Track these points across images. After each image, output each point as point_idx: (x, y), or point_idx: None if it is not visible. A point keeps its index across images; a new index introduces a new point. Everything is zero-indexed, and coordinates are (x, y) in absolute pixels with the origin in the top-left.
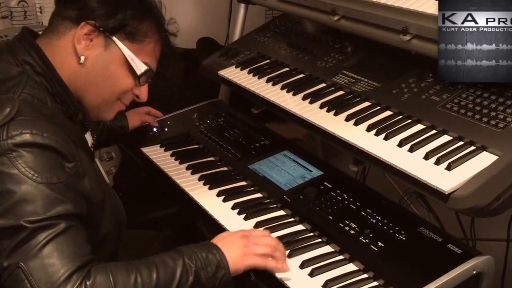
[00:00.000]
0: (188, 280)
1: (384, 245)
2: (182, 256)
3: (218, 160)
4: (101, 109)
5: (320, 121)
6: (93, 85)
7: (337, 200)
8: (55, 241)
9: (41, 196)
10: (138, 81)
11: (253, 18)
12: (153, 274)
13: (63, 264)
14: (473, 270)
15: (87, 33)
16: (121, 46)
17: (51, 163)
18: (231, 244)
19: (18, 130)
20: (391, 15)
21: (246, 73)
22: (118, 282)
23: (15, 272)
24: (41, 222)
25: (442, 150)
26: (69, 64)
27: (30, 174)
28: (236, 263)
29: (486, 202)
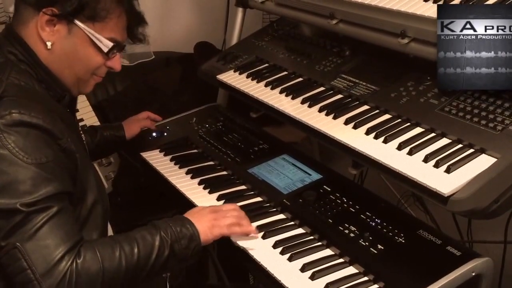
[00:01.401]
0: (165, 253)
1: (383, 248)
2: (159, 231)
3: (218, 164)
4: (79, 85)
5: (320, 125)
6: (66, 67)
7: (337, 203)
8: (48, 225)
9: (31, 176)
10: (107, 56)
11: (250, 22)
12: (134, 249)
13: (56, 246)
14: (472, 272)
15: (48, 19)
16: (83, 28)
17: (39, 143)
18: (201, 218)
19: (7, 110)
20: (389, 19)
21: (245, 77)
22: (105, 258)
23: (12, 251)
24: (35, 206)
25: (441, 153)
26: (41, 50)
27: (20, 155)
28: (206, 234)
29: (485, 205)
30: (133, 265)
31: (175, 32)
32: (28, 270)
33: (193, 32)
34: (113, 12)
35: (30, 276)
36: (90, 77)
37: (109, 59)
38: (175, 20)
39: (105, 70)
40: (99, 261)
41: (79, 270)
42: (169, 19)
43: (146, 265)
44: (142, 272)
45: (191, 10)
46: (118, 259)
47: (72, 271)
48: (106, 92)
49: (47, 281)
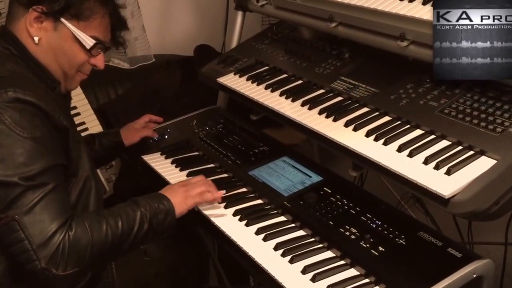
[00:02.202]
0: (144, 226)
1: (384, 250)
2: (140, 207)
3: (218, 167)
4: (66, 81)
5: (320, 127)
6: (53, 60)
7: (337, 205)
8: (44, 201)
9: (28, 149)
10: (90, 53)
11: (250, 26)
12: (119, 223)
13: (51, 220)
14: (473, 274)
15: (36, 17)
16: (68, 25)
17: (34, 118)
18: (175, 193)
19: (3, 89)
20: (389, 22)
21: (245, 80)
22: (94, 231)
23: (11, 223)
24: (32, 181)
25: (441, 155)
26: (30, 44)
27: (17, 130)
28: (181, 206)
29: (485, 206)
30: (117, 237)
31: (175, 35)
32: (25, 241)
33: (193, 35)
34: (97, 13)
35: (27, 246)
36: (76, 73)
37: (93, 56)
38: (175, 23)
39: (89, 67)
40: (88, 234)
41: (71, 242)
42: (169, 23)
43: (129, 237)
44: (124, 244)
45: (191, 14)
46: (105, 232)
47: (65, 243)
48: (108, 95)
49: (42, 251)
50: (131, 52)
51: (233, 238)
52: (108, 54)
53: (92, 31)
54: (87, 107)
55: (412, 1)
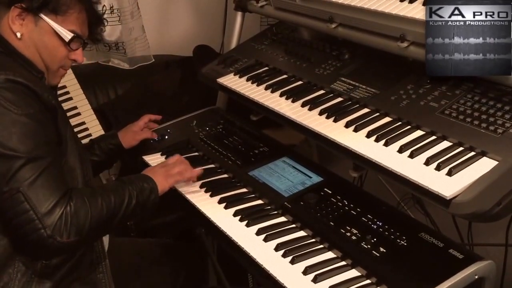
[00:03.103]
0: (132, 202)
1: (386, 251)
2: (127, 185)
3: (219, 167)
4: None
5: (320, 128)
6: (36, 55)
7: (338, 206)
8: (45, 172)
9: (24, 125)
10: (69, 47)
11: (249, 26)
12: (111, 198)
13: (53, 191)
14: (475, 275)
15: (18, 14)
16: (47, 20)
17: (25, 96)
18: (156, 173)
19: None
20: (389, 23)
21: (245, 81)
22: (91, 203)
23: (16, 195)
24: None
25: (442, 156)
26: (13, 41)
27: (12, 108)
28: (163, 185)
29: (487, 207)
30: (110, 210)
31: (174, 36)
32: (30, 211)
33: (192, 36)
34: (73, 7)
35: (33, 216)
36: (57, 69)
37: (72, 51)
38: (174, 24)
39: (70, 63)
40: (87, 205)
41: (72, 212)
42: (168, 23)
43: (119, 211)
44: (116, 217)
45: (190, 14)
46: (100, 205)
47: (67, 212)
48: (107, 95)
49: (47, 220)
50: (130, 52)
51: (234, 238)
52: (108, 55)
53: (70, 25)
54: (87, 107)
55: (412, 2)
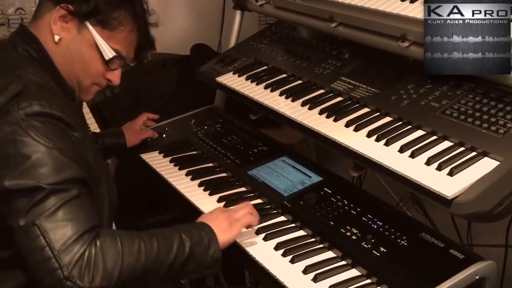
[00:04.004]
0: (184, 253)
1: (386, 251)
2: (179, 232)
3: (217, 166)
4: (80, 91)
5: (320, 127)
6: (69, 65)
7: (338, 205)
8: (68, 205)
9: (53, 160)
10: (107, 66)
11: (246, 25)
12: (154, 243)
13: (75, 225)
14: (475, 275)
15: (62, 15)
16: (92, 31)
17: (59, 131)
18: (216, 220)
19: (27, 102)
20: (390, 22)
21: (244, 80)
22: (124, 245)
23: (32, 229)
24: (56, 185)
25: (443, 156)
26: (48, 42)
27: (42, 140)
28: (227, 232)
29: (488, 208)
30: (152, 258)
31: (172, 34)
32: (46, 247)
33: (190, 34)
34: (124, 25)
35: (48, 253)
36: (90, 85)
37: (110, 70)
38: (172, 22)
39: (105, 82)
40: (118, 246)
41: (97, 250)
42: (166, 22)
43: (165, 261)
44: (160, 268)
45: (187, 13)
46: (137, 248)
47: (91, 251)
48: (103, 93)
49: (64, 258)
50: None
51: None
52: None
53: (115, 43)
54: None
55: (413, 2)
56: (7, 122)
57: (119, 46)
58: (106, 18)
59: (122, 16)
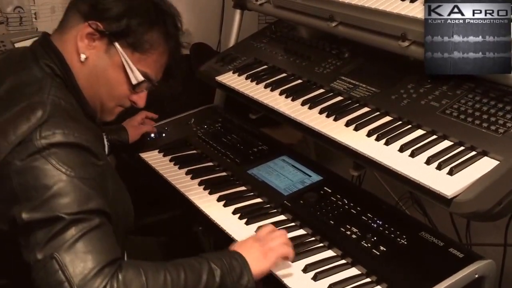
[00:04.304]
0: (214, 283)
1: (386, 250)
2: (207, 260)
3: (217, 165)
4: (102, 111)
5: (320, 127)
6: (93, 85)
7: (338, 205)
8: (89, 235)
9: (75, 189)
10: (133, 89)
11: (246, 24)
12: (181, 274)
13: (96, 258)
14: (475, 274)
15: (90, 33)
16: (121, 53)
17: (82, 160)
18: (249, 249)
19: (51, 131)
20: (390, 22)
21: (244, 79)
22: (149, 277)
23: (50, 263)
24: (76, 215)
25: (443, 155)
26: (73, 60)
27: (63, 169)
28: (261, 263)
29: (488, 207)
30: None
31: None
32: (65, 283)
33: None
34: (156, 48)
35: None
36: (114, 107)
37: (135, 93)
38: None
39: (129, 103)
40: (142, 279)
41: (120, 285)
42: None
43: None
44: None
45: (187, 12)
46: (163, 281)
47: (113, 285)
48: None
49: None
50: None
51: (234, 236)
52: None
53: (144, 66)
54: None
55: (413, 1)
56: (28, 151)
57: (148, 69)
58: (138, 41)
59: (155, 38)
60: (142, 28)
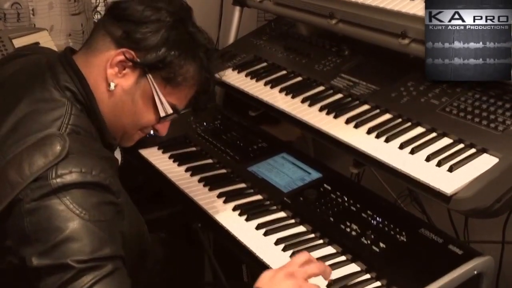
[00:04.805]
0: None
1: (385, 246)
2: None
3: (217, 162)
4: (122, 137)
5: (321, 124)
6: (117, 115)
7: (337, 202)
8: (102, 283)
9: (88, 234)
10: (159, 120)
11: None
12: None
13: None
14: (474, 271)
15: (122, 61)
16: (153, 85)
17: (99, 200)
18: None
19: (68, 169)
20: (390, 19)
21: (244, 76)
22: None
23: None
24: (88, 263)
25: (443, 153)
26: (99, 87)
27: (77, 211)
28: None
29: (487, 204)
30: None
31: None
32: None
33: None
34: (189, 81)
35: None
36: (136, 132)
37: (160, 122)
38: None
39: (151, 129)
40: None
41: None
42: None
43: None
44: None
45: None
46: None
47: None
48: None
49: None
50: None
51: (234, 233)
52: None
53: (174, 99)
54: None
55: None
56: (43, 190)
57: (177, 102)
58: (173, 73)
59: (189, 72)
60: (178, 61)
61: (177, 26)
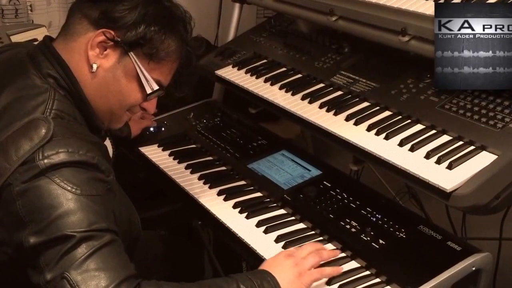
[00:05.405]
0: None
1: (385, 243)
2: (236, 281)
3: (217, 160)
4: (111, 119)
5: (321, 121)
6: (103, 96)
7: (337, 199)
8: (101, 252)
9: (82, 208)
10: (146, 97)
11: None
12: None
13: (109, 275)
14: (472, 267)
15: (102, 41)
16: (136, 62)
17: (89, 176)
18: (281, 268)
19: (54, 150)
20: (390, 16)
21: (244, 73)
22: None
23: (60, 283)
24: (86, 233)
25: (442, 150)
26: (82, 70)
27: (69, 187)
28: (293, 285)
29: (486, 200)
30: None
31: None
32: None
33: None
34: (171, 56)
35: None
36: (124, 112)
37: (147, 100)
38: None
39: (139, 109)
40: None
41: None
42: None
43: None
44: None
45: (184, 6)
46: None
47: None
48: None
49: None
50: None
51: (234, 230)
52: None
53: (158, 74)
54: None
55: None
56: (31, 172)
57: (161, 77)
58: (155, 49)
59: (170, 46)
60: (159, 36)
61: (153, 2)
